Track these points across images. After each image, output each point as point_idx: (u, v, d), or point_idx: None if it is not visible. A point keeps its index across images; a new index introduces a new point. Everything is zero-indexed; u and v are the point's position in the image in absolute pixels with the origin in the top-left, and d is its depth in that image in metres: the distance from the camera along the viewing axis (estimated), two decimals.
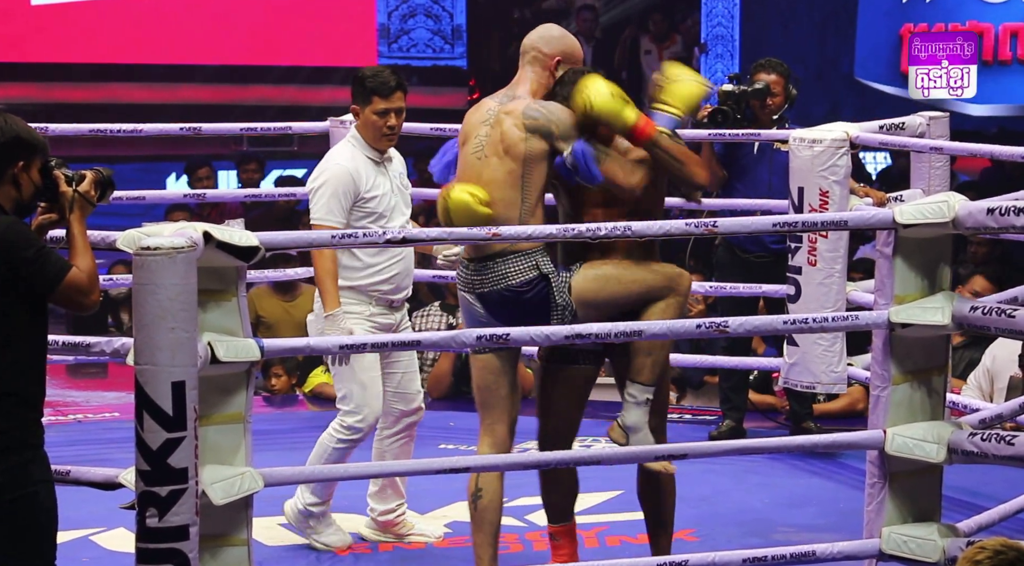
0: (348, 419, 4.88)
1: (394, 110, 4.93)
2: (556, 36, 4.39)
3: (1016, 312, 3.87)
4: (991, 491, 5.11)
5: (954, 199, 3.97)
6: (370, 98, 4.92)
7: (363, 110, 4.93)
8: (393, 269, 4.98)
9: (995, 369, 6.41)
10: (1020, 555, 3.12)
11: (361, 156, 4.95)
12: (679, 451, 4.02)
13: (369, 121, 4.93)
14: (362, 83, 4.94)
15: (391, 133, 4.96)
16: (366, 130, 4.95)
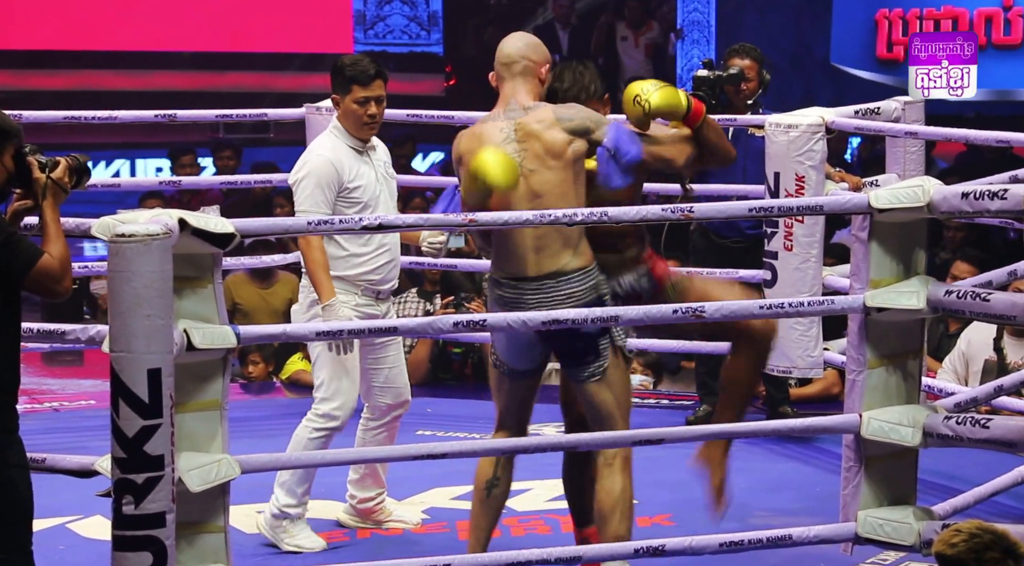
0: (323, 407, 4.85)
1: (374, 98, 4.90)
2: (536, 42, 4.41)
3: (991, 296, 3.89)
4: (966, 474, 5.13)
5: (929, 183, 3.99)
6: (350, 87, 4.88)
7: (343, 99, 4.90)
8: (380, 259, 4.95)
9: (970, 353, 6.44)
10: (995, 538, 3.14)
11: (343, 146, 4.91)
12: (656, 436, 4.03)
13: (350, 110, 4.89)
14: (341, 72, 4.90)
15: (372, 122, 4.92)
16: (347, 119, 4.91)
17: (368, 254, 4.93)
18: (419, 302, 7.56)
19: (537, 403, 6.87)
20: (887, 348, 4.05)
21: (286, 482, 4.85)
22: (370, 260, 4.93)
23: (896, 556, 4.64)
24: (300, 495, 4.86)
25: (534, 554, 3.91)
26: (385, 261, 4.97)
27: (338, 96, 4.91)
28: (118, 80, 11.97)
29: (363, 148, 4.96)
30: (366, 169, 4.94)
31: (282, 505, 4.85)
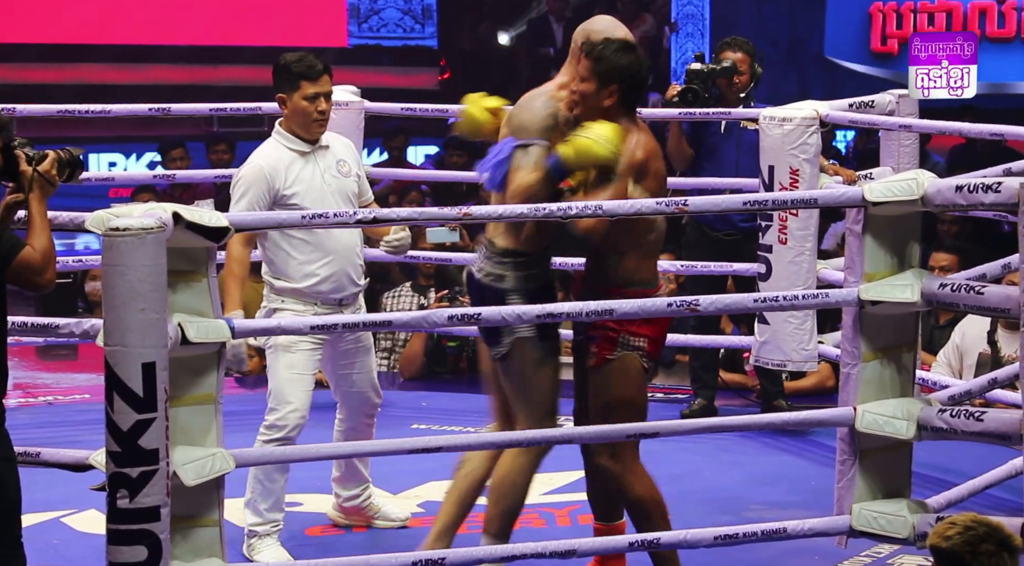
0: (269, 417, 4.68)
1: (323, 94, 4.74)
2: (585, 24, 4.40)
3: (985, 289, 3.89)
4: (960, 467, 5.14)
5: (923, 176, 3.99)
6: (298, 83, 4.71)
7: (291, 97, 4.73)
8: (326, 269, 4.72)
9: (964, 346, 6.44)
10: (990, 530, 3.14)
11: (284, 151, 4.73)
12: (651, 429, 4.04)
13: (299, 108, 4.72)
14: (287, 69, 4.74)
15: (322, 118, 4.75)
16: (296, 118, 4.74)
17: (312, 266, 4.71)
18: (413, 296, 7.56)
19: None
20: (881, 341, 4.05)
21: (250, 501, 4.69)
22: (315, 272, 4.72)
23: (890, 549, 4.65)
24: (265, 512, 4.68)
25: (529, 547, 3.91)
26: (332, 271, 4.74)
27: (284, 95, 4.74)
28: (112, 74, 11.96)
29: (311, 149, 4.77)
30: (308, 173, 4.74)
31: (249, 524, 4.70)
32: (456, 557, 3.85)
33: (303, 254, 4.69)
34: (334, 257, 4.73)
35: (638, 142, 4.11)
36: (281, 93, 4.75)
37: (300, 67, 4.73)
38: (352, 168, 4.88)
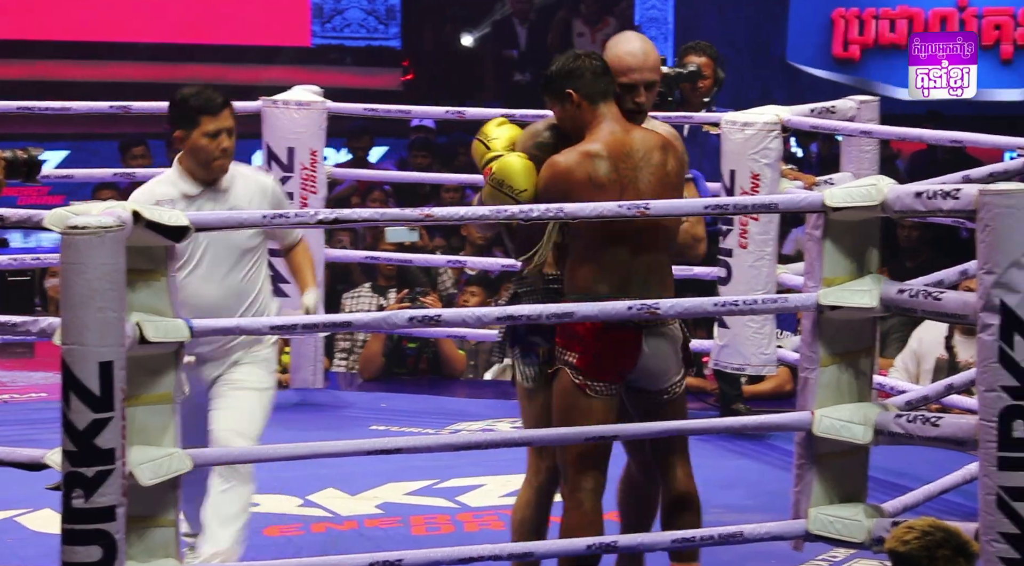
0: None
1: (226, 129, 4.34)
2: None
3: (942, 295, 3.91)
4: (916, 472, 5.17)
5: (883, 182, 4.01)
6: (197, 119, 4.32)
7: (189, 134, 4.33)
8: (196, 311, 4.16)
9: (921, 351, 6.49)
10: (947, 536, 3.17)
11: (168, 189, 4.35)
12: (609, 432, 4.04)
13: (199, 146, 4.33)
14: (185, 103, 4.35)
15: (224, 156, 4.35)
16: (195, 157, 4.35)
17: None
18: (373, 297, 7.55)
19: (491, 398, 6.93)
20: (839, 346, 4.07)
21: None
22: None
23: (846, 553, 4.67)
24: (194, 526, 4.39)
25: (487, 549, 3.91)
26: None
27: (182, 132, 4.35)
28: (73, 70, 11.89)
29: (200, 191, 4.36)
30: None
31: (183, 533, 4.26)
32: (413, 559, 3.84)
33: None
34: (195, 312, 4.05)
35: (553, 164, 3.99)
36: (178, 130, 4.36)
37: (199, 101, 4.34)
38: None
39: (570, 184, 3.98)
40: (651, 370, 4.06)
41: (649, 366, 4.05)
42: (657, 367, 4.06)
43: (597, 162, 3.99)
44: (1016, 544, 3.72)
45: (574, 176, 3.98)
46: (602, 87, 4.04)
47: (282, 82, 5.63)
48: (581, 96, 4.04)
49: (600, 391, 4.03)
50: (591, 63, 4.05)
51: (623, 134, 4.03)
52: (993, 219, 3.73)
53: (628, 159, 4.02)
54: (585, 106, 4.04)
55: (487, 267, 7.52)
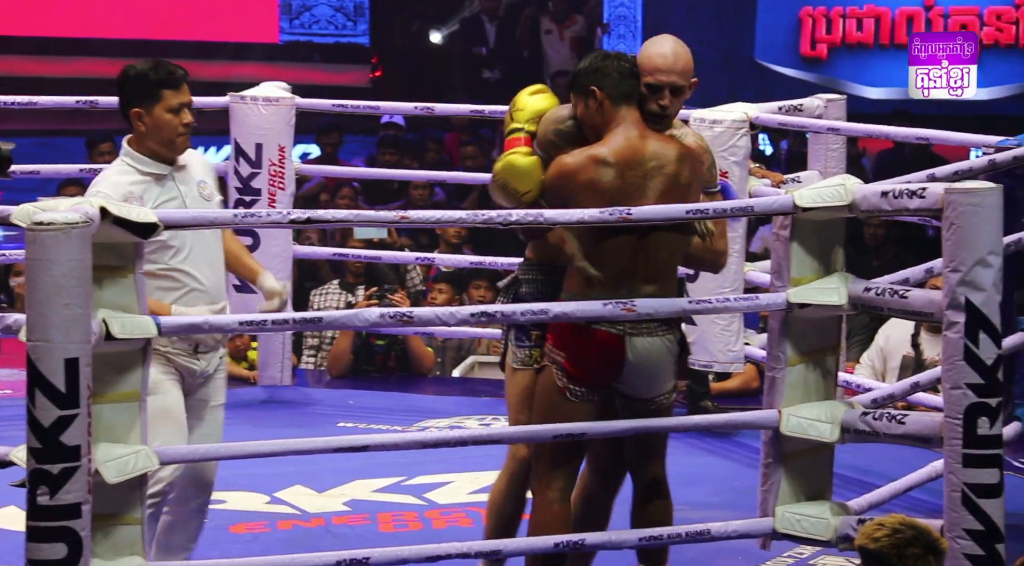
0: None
1: (187, 104, 4.13)
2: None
3: (908, 293, 3.93)
4: (882, 469, 5.19)
5: (850, 182, 4.02)
6: (159, 94, 4.08)
7: (151, 111, 4.08)
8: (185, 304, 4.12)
9: (888, 349, 6.52)
10: (917, 534, 3.18)
11: (135, 176, 4.10)
12: (578, 430, 4.04)
13: (162, 122, 4.09)
14: (144, 79, 4.09)
15: (187, 131, 4.14)
16: (157, 135, 4.10)
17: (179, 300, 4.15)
18: (341, 294, 7.53)
19: (459, 396, 6.93)
20: (806, 345, 4.08)
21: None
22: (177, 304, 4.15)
23: (812, 550, 4.69)
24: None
25: (454, 547, 3.90)
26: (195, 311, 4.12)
27: (141, 109, 4.09)
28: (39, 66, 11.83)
29: (168, 171, 4.14)
30: (165, 197, 4.12)
31: None
32: (381, 557, 3.84)
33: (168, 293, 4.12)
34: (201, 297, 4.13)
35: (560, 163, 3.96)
36: (137, 107, 4.09)
37: (159, 74, 4.09)
38: (213, 190, 4.27)
39: (573, 187, 3.94)
40: (639, 378, 4.01)
41: (636, 373, 4.00)
42: (645, 375, 4.01)
43: (602, 169, 3.92)
44: (981, 540, 3.75)
45: (577, 179, 3.94)
46: (626, 89, 3.97)
47: (251, 78, 5.61)
48: (605, 94, 3.97)
49: (580, 396, 4.01)
50: (619, 64, 4.00)
51: (638, 140, 3.96)
52: (958, 217, 3.75)
53: (638, 167, 3.94)
54: (607, 106, 3.97)
55: (456, 264, 7.52)
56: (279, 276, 6.80)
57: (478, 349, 7.61)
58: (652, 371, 4.01)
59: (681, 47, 4.05)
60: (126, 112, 4.13)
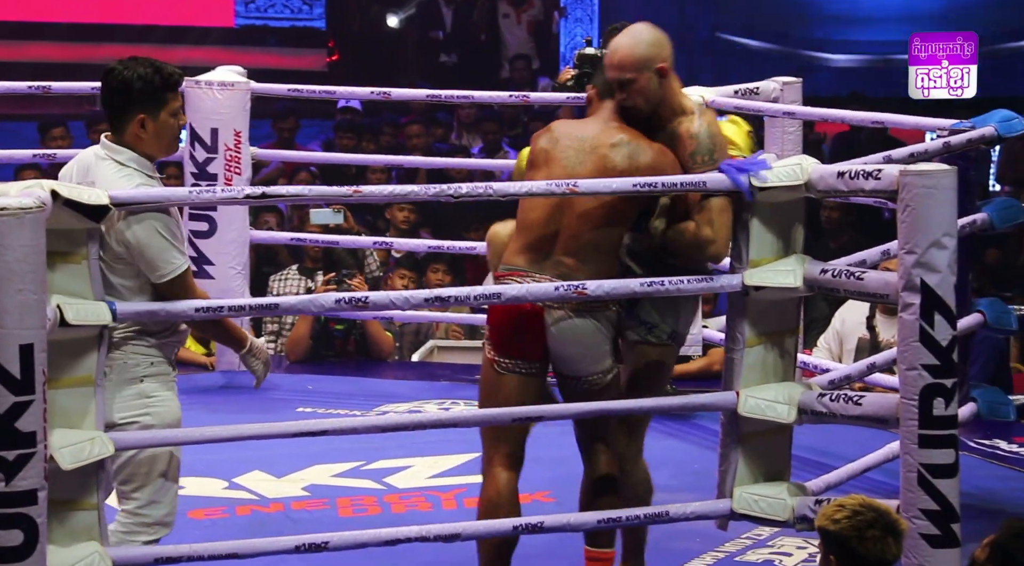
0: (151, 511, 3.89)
1: (181, 106, 4.01)
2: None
3: (864, 275, 3.95)
4: (839, 450, 5.22)
5: (807, 162, 4.03)
6: (164, 98, 3.89)
7: (156, 117, 3.88)
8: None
9: (844, 331, 6.55)
10: (878, 516, 3.20)
11: (143, 179, 3.90)
12: (536, 413, 4.04)
13: (166, 126, 3.90)
14: (149, 82, 3.86)
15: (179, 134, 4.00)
16: (159, 138, 3.91)
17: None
18: (300, 279, 7.51)
19: (418, 380, 6.93)
20: (764, 327, 4.10)
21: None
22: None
23: (770, 531, 4.71)
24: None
25: (413, 531, 3.90)
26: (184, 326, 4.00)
27: (146, 114, 3.87)
28: None
29: (155, 175, 3.97)
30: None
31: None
32: (340, 541, 3.84)
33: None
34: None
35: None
36: (141, 112, 3.87)
37: (163, 78, 3.88)
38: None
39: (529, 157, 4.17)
40: (563, 354, 4.06)
41: (560, 349, 4.05)
42: (569, 352, 4.05)
43: (543, 137, 4.14)
44: (937, 520, 3.77)
45: (532, 146, 4.16)
46: (604, 81, 4.16)
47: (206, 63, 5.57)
48: (595, 90, 4.19)
49: (508, 367, 4.06)
50: (590, 56, 4.19)
51: (585, 121, 4.17)
52: (914, 199, 3.76)
53: (576, 141, 4.09)
54: (596, 100, 4.20)
55: (413, 249, 7.50)
56: (236, 262, 6.81)
57: (437, 333, 7.61)
58: (576, 349, 4.05)
59: (624, 38, 4.14)
60: (125, 116, 3.89)
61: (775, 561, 4.62)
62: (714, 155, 4.09)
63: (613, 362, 4.12)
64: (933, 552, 3.77)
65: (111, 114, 3.92)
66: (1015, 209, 5.08)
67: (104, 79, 3.92)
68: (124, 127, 3.90)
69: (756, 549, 4.68)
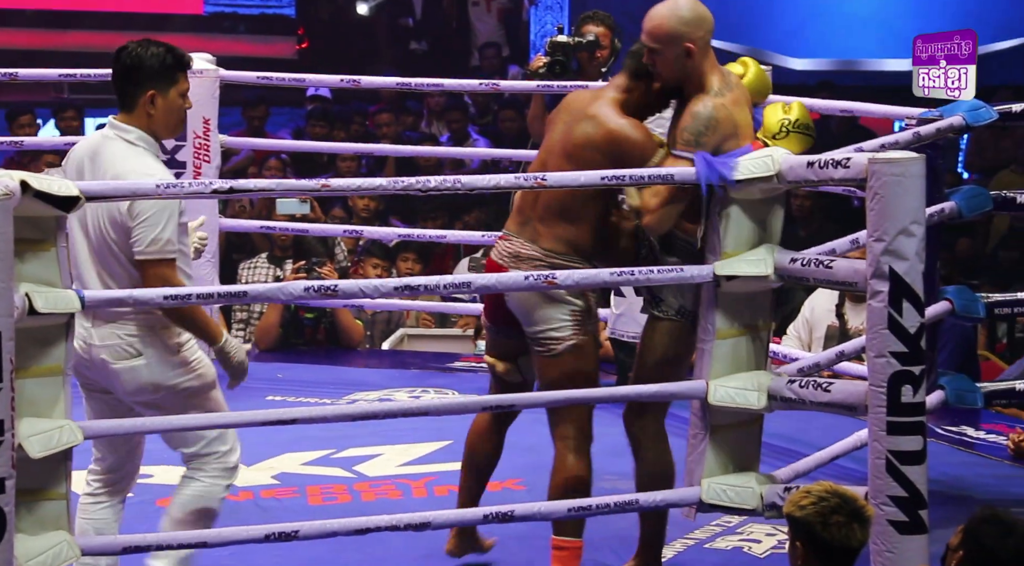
0: (227, 458, 4.12)
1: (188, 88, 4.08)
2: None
3: (833, 263, 3.96)
4: (808, 438, 5.24)
5: (777, 153, 4.04)
6: (175, 76, 3.99)
7: (167, 94, 3.97)
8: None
9: (813, 319, 6.57)
10: (842, 502, 3.22)
11: (159, 162, 4.02)
12: (506, 401, 4.05)
13: (175, 106, 3.99)
14: (162, 59, 3.96)
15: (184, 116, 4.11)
16: (167, 118, 4.00)
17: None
18: (269, 267, 7.49)
19: (388, 368, 6.92)
20: (736, 317, 4.10)
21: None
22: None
23: (739, 519, 4.73)
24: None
25: (384, 519, 3.90)
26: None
27: (156, 90, 3.96)
28: None
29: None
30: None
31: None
32: (309, 530, 3.83)
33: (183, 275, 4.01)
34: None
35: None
36: (152, 89, 3.96)
37: (175, 57, 4.00)
38: None
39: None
40: (515, 307, 4.21)
41: (513, 302, 4.21)
42: (519, 304, 4.19)
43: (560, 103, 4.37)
44: (905, 507, 3.79)
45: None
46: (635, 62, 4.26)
47: None
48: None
49: (493, 332, 4.33)
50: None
51: (593, 90, 4.37)
52: (882, 187, 3.78)
53: (568, 111, 4.26)
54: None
55: (383, 237, 7.49)
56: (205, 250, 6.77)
57: (407, 322, 7.60)
58: (525, 303, 4.17)
59: (663, 7, 4.20)
60: (136, 91, 3.96)
61: (744, 548, 4.64)
62: (701, 138, 4.08)
63: (571, 332, 4.16)
64: (901, 538, 3.79)
65: (122, 92, 4.00)
66: (982, 197, 5.11)
67: (117, 57, 4.00)
68: (134, 104, 3.98)
69: (725, 536, 4.70)
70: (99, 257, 3.97)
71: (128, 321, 3.95)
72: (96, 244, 3.97)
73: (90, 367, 3.98)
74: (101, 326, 3.95)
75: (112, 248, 3.94)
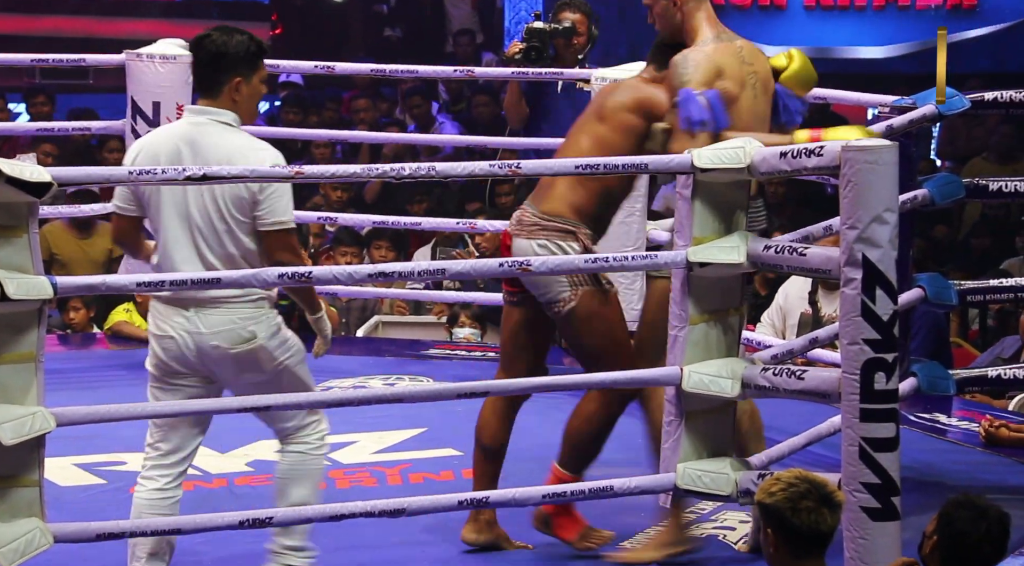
0: (319, 429, 4.18)
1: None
2: None
3: (807, 250, 3.97)
4: (782, 425, 5.25)
5: (750, 145, 4.05)
6: (258, 62, 4.06)
7: (250, 80, 4.05)
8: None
9: (787, 306, 6.59)
10: (812, 487, 3.24)
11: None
12: (481, 388, 4.06)
13: (256, 92, 4.07)
14: (247, 47, 4.04)
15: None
16: (250, 104, 4.08)
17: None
18: None
19: (363, 356, 6.91)
20: (708, 304, 4.12)
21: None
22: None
23: (713, 505, 4.74)
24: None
25: (358, 506, 3.90)
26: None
27: (241, 77, 4.03)
28: None
29: None
30: None
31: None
32: (284, 516, 3.83)
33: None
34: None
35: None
36: (238, 75, 4.02)
37: (257, 44, 4.07)
38: None
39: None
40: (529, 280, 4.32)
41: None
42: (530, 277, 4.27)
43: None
44: (877, 493, 3.81)
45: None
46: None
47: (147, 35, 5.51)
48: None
49: (509, 301, 4.42)
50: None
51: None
52: (855, 175, 3.79)
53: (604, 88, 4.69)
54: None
55: (356, 223, 7.47)
56: None
57: (382, 309, 7.59)
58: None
59: None
60: (222, 78, 4.02)
61: (719, 535, 4.65)
62: (682, 78, 4.23)
63: (571, 292, 4.27)
64: (873, 525, 3.81)
65: (207, 79, 4.05)
66: (954, 185, 5.13)
67: (199, 46, 4.06)
68: (220, 90, 4.03)
69: (700, 523, 4.71)
70: (205, 238, 3.99)
71: (241, 304, 4.02)
72: (203, 224, 3.99)
73: (196, 355, 4.03)
74: (210, 314, 4.01)
75: (229, 225, 3.98)
